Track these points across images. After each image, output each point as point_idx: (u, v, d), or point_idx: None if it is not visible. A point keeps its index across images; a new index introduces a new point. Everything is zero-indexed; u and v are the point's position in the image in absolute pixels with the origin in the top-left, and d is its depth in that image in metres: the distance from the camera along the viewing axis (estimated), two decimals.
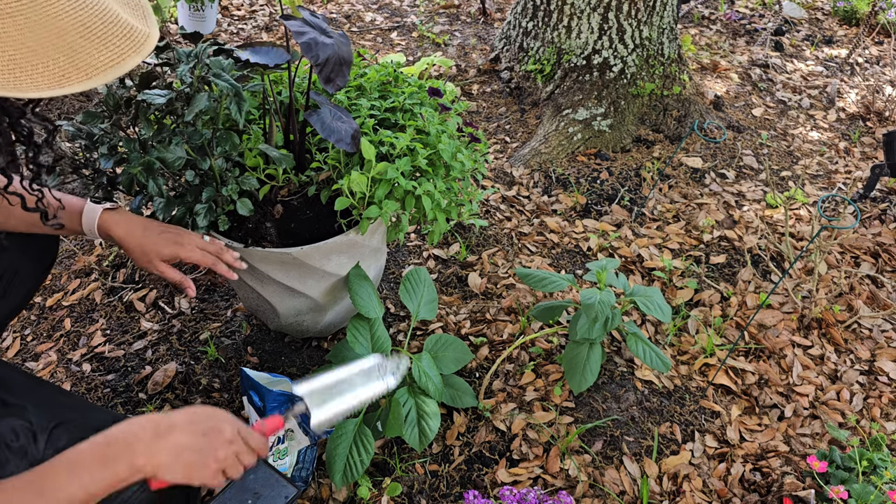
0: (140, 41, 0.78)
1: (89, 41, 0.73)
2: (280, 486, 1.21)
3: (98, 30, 0.74)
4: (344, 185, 1.32)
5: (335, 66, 1.24)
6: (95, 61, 0.73)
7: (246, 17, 3.79)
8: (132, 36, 0.78)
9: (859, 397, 1.72)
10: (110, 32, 0.75)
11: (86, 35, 0.72)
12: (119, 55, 0.76)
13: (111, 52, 0.75)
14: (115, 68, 0.75)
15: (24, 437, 0.97)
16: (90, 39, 0.73)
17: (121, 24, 0.76)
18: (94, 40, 0.73)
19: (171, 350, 1.76)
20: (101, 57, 0.74)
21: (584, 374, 1.54)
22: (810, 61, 3.55)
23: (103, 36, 0.74)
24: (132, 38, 0.77)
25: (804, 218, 2.37)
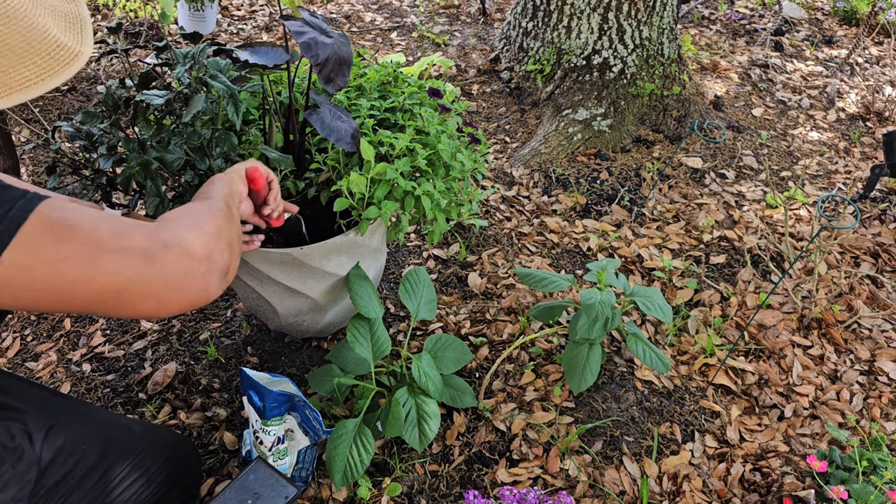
0: (65, 60, 0.75)
1: (6, 58, 0.70)
2: (280, 486, 1.21)
3: (17, 47, 0.70)
4: (343, 186, 1.32)
5: (335, 65, 1.24)
6: (10, 80, 0.70)
7: (246, 18, 3.79)
8: (57, 55, 0.74)
9: (859, 397, 1.72)
10: (32, 50, 0.72)
11: (4, 53, 0.69)
12: (38, 75, 0.72)
13: (29, 70, 0.72)
14: (29, 89, 0.72)
15: (20, 438, 0.97)
16: (7, 57, 0.70)
17: (47, 41, 0.73)
18: (11, 58, 0.70)
19: (171, 350, 1.76)
20: (16, 75, 0.71)
21: (583, 374, 1.54)
22: (810, 61, 3.55)
23: (23, 54, 0.71)
24: (56, 57, 0.74)
25: (804, 218, 2.37)
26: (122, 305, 0.77)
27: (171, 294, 0.79)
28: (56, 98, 2.87)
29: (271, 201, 1.19)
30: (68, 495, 1.01)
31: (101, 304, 0.76)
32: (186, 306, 0.81)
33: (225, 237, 0.89)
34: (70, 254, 0.72)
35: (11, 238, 0.69)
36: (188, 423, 1.56)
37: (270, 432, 1.32)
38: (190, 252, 0.80)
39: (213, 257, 0.83)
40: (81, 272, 0.73)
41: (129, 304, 0.77)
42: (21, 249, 0.69)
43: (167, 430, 1.28)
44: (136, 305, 0.78)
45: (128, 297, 0.76)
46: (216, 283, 0.84)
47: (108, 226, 0.76)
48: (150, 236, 0.79)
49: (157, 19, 3.30)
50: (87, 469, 1.03)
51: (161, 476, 1.13)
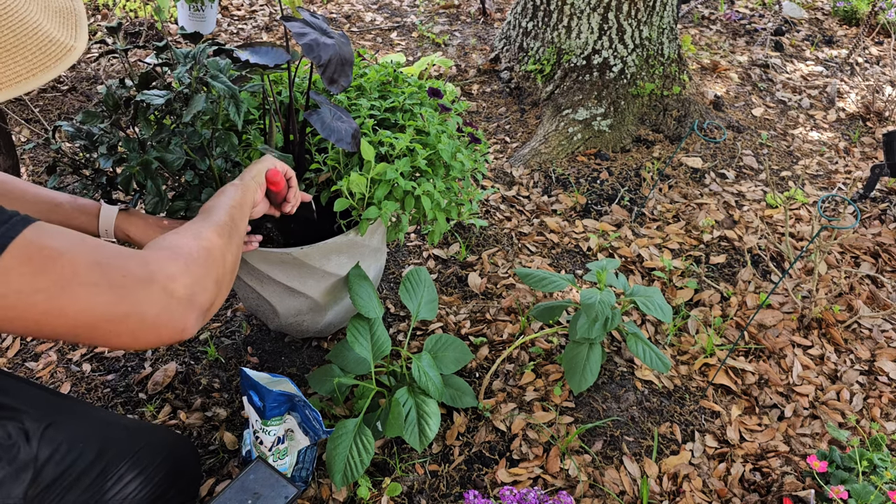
0: (57, 55, 0.75)
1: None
2: (280, 486, 1.21)
3: (7, 42, 0.71)
4: (343, 186, 1.32)
5: (338, 66, 1.24)
6: (0, 76, 0.70)
7: (246, 18, 3.79)
8: (48, 49, 0.74)
9: (859, 397, 1.72)
10: (23, 45, 0.72)
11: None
12: (29, 70, 0.72)
13: (20, 66, 0.72)
14: (20, 84, 0.71)
15: (17, 436, 0.97)
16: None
17: (39, 35, 0.73)
18: (1, 53, 0.70)
19: (171, 350, 1.76)
20: (7, 71, 0.71)
21: (584, 374, 1.54)
22: (810, 61, 3.55)
23: (13, 49, 0.71)
24: (48, 52, 0.74)
25: (804, 218, 2.37)
26: (94, 338, 0.76)
27: (146, 331, 0.78)
28: (56, 98, 2.87)
29: (291, 198, 1.20)
30: (65, 493, 1.01)
31: (73, 335, 0.75)
32: (162, 342, 0.81)
33: (215, 269, 0.88)
34: (44, 286, 0.71)
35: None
36: (188, 423, 1.56)
37: (270, 432, 1.32)
38: (171, 291, 0.79)
39: (195, 297, 0.82)
40: (53, 305, 0.72)
41: (102, 337, 0.77)
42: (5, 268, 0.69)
43: (166, 429, 1.28)
44: (109, 339, 0.77)
45: (101, 332, 0.76)
46: (193, 323, 0.82)
47: (87, 258, 0.75)
48: (129, 272, 0.77)
49: (156, 18, 3.30)
50: (84, 467, 1.03)
51: (159, 475, 1.13)
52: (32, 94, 2.89)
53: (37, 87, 0.75)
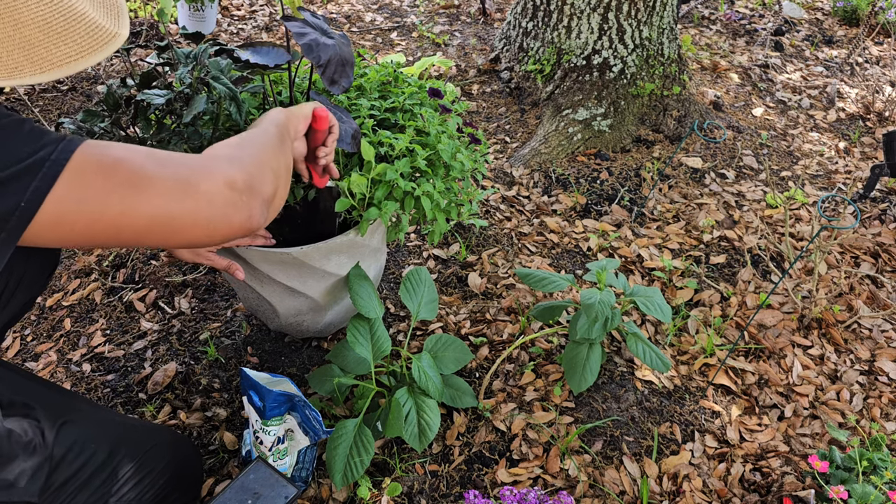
0: (104, 40, 0.79)
1: (47, 35, 0.73)
2: (280, 486, 1.21)
3: (58, 25, 0.74)
4: (343, 187, 1.32)
5: (338, 66, 1.24)
6: (52, 56, 0.74)
7: (246, 18, 3.79)
8: (96, 34, 0.78)
9: (859, 397, 1.72)
10: (71, 29, 0.75)
11: (44, 29, 0.73)
12: (78, 52, 0.76)
13: (69, 48, 0.75)
14: (71, 64, 0.75)
15: (34, 434, 0.97)
16: (48, 34, 0.73)
17: (86, 21, 0.77)
18: (52, 35, 0.73)
19: (171, 350, 1.76)
20: (58, 52, 0.74)
21: (583, 374, 1.54)
22: (810, 61, 3.55)
23: (63, 32, 0.74)
24: (95, 37, 0.78)
25: (804, 218, 2.37)
26: (171, 234, 0.82)
27: (217, 223, 0.83)
28: (57, 98, 2.87)
29: (330, 143, 1.20)
30: (77, 493, 1.01)
31: (151, 235, 0.80)
32: (233, 232, 0.86)
33: (269, 165, 0.93)
34: (117, 186, 0.76)
35: (60, 172, 0.72)
36: (188, 423, 1.56)
37: (270, 432, 1.32)
38: (231, 183, 0.84)
39: (255, 187, 0.88)
40: (129, 204, 0.77)
41: (179, 232, 0.82)
42: (72, 181, 0.73)
43: (170, 430, 1.28)
44: (185, 234, 0.82)
45: (176, 226, 0.81)
46: (259, 212, 0.88)
47: (152, 160, 0.80)
48: (191, 167, 0.83)
49: (157, 19, 3.30)
50: (96, 468, 1.03)
51: (164, 477, 1.13)
52: (33, 93, 2.89)
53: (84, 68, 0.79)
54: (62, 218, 0.74)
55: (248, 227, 0.88)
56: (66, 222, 0.74)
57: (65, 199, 0.73)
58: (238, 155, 0.91)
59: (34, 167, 0.71)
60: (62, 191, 0.72)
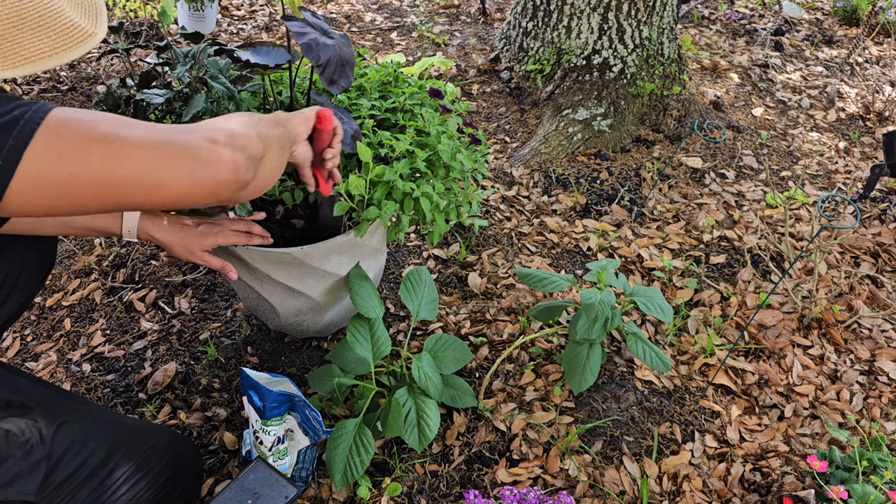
0: (78, 39, 0.79)
1: (21, 31, 0.74)
2: (280, 486, 1.21)
3: (32, 21, 0.74)
4: (342, 189, 1.32)
5: (337, 66, 1.24)
6: (24, 51, 0.74)
7: (246, 17, 3.79)
8: (71, 32, 0.78)
9: (859, 397, 1.72)
10: (46, 25, 0.76)
11: (18, 25, 0.73)
12: (52, 49, 0.76)
13: (43, 44, 0.75)
14: (43, 61, 0.75)
15: (31, 434, 0.97)
16: (22, 30, 0.74)
17: (61, 19, 0.77)
18: (26, 31, 0.74)
19: (171, 350, 1.76)
20: (31, 48, 0.74)
21: (584, 374, 1.54)
22: (810, 61, 3.55)
23: (37, 28, 0.75)
24: (70, 35, 0.78)
25: (804, 218, 2.37)
26: (154, 189, 0.80)
27: (203, 174, 0.82)
28: (56, 97, 2.87)
29: (335, 144, 1.19)
30: (74, 493, 1.01)
31: (133, 190, 0.79)
32: (222, 188, 0.84)
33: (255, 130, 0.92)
34: (96, 140, 0.75)
35: (36, 129, 0.72)
36: (188, 423, 1.56)
37: (270, 432, 1.32)
38: (213, 138, 0.84)
39: (238, 142, 0.87)
40: (109, 156, 0.76)
41: (162, 186, 0.80)
42: (49, 136, 0.72)
43: (169, 430, 1.28)
44: (169, 188, 0.80)
45: (158, 179, 0.79)
46: (245, 165, 0.86)
47: (126, 119, 0.80)
48: (173, 128, 0.82)
49: (157, 19, 3.30)
50: (94, 467, 1.03)
51: (163, 477, 1.13)
52: (32, 93, 2.89)
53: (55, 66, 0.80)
54: (41, 176, 0.72)
55: (234, 181, 0.85)
56: (46, 181, 0.73)
57: (43, 153, 0.72)
58: (221, 121, 0.91)
59: (9, 125, 0.70)
60: (40, 146, 0.71)
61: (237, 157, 0.85)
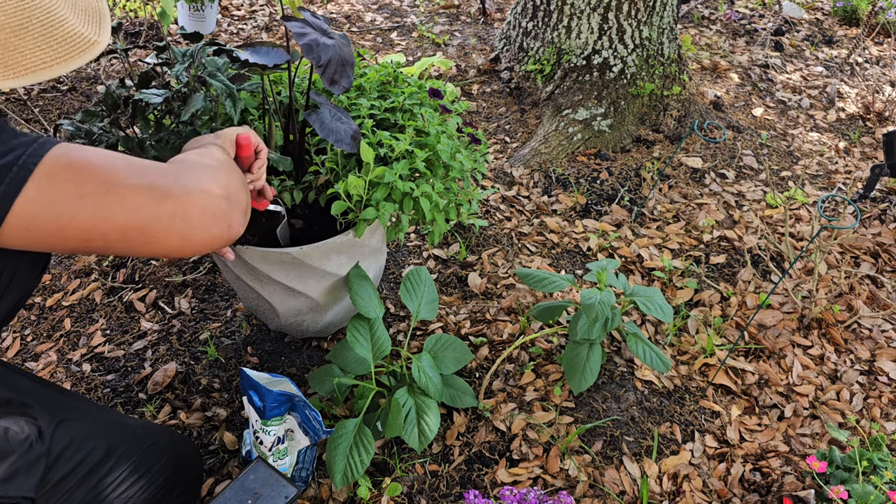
0: (81, 48, 0.78)
1: (23, 40, 0.73)
2: (280, 486, 1.21)
3: (35, 31, 0.74)
4: (340, 189, 1.32)
5: (338, 67, 1.23)
6: (26, 60, 0.73)
7: (246, 18, 3.79)
8: (73, 41, 0.78)
9: (859, 397, 1.72)
10: (49, 35, 0.75)
11: (20, 34, 0.73)
12: (53, 58, 0.75)
13: (45, 53, 0.75)
14: (45, 70, 0.75)
15: (30, 432, 0.97)
16: (24, 39, 0.73)
17: (64, 28, 0.77)
18: (28, 40, 0.73)
19: (171, 350, 1.76)
20: (33, 57, 0.74)
21: (584, 374, 1.54)
22: (810, 61, 3.55)
23: (39, 38, 0.74)
24: (73, 43, 0.77)
25: (804, 218, 2.37)
26: (146, 242, 0.79)
27: (194, 231, 0.81)
28: (56, 98, 2.87)
29: (255, 170, 1.16)
30: (73, 491, 1.01)
31: (125, 242, 0.78)
32: (212, 241, 0.84)
33: (236, 174, 0.93)
34: (89, 189, 0.75)
35: (29, 176, 0.72)
36: (188, 423, 1.56)
37: (270, 432, 1.32)
38: (208, 190, 0.83)
39: (233, 196, 0.87)
40: (101, 207, 0.75)
41: (154, 240, 0.80)
42: (42, 184, 0.72)
43: (169, 430, 1.28)
44: (160, 242, 0.80)
45: (151, 234, 0.79)
46: (239, 220, 0.87)
47: (125, 163, 0.79)
48: (166, 175, 0.81)
49: (156, 19, 3.30)
50: (92, 466, 1.04)
51: (163, 476, 1.14)
52: (33, 93, 2.89)
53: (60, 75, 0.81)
54: (33, 221, 0.73)
55: (227, 237, 0.85)
56: (37, 226, 0.73)
57: (35, 201, 0.72)
58: (209, 163, 0.89)
59: (2, 171, 0.70)
60: (32, 193, 0.71)
61: (232, 214, 0.85)
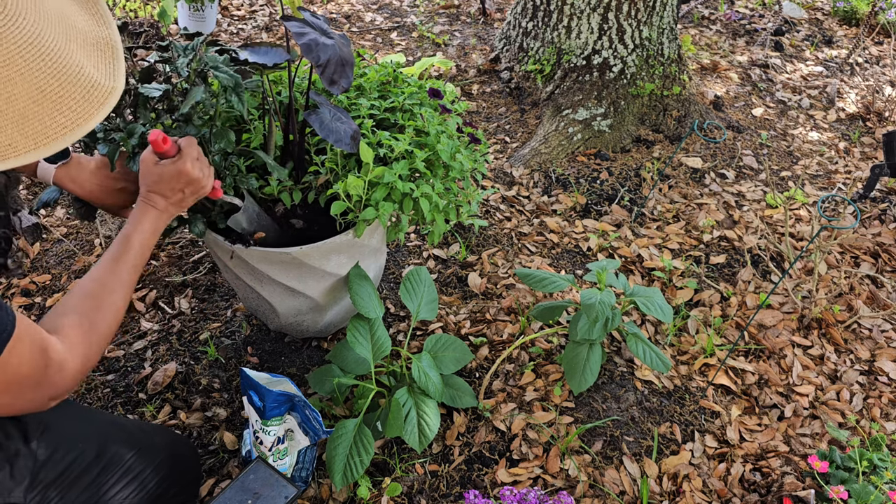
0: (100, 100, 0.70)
1: (42, 106, 0.65)
2: (280, 486, 1.21)
3: (53, 93, 0.66)
4: (340, 189, 1.32)
5: (337, 67, 1.23)
6: (47, 129, 0.66)
7: (246, 18, 3.79)
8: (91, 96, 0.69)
9: (859, 397, 1.72)
10: (67, 94, 0.67)
11: (39, 100, 0.65)
12: (74, 120, 0.68)
13: (65, 116, 0.67)
14: (67, 136, 0.67)
15: (16, 437, 0.97)
16: (43, 105, 0.65)
17: (82, 82, 0.68)
18: (47, 105, 0.65)
19: (171, 350, 1.76)
20: (53, 123, 0.66)
21: (584, 374, 1.54)
22: (810, 61, 3.55)
23: (58, 100, 0.66)
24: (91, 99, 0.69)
25: (804, 218, 2.37)
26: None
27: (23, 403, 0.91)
28: None
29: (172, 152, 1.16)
30: (66, 492, 1.01)
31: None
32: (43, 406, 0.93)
33: (113, 330, 1.03)
34: None
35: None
36: (188, 423, 1.56)
37: (270, 432, 1.32)
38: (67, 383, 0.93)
39: (81, 376, 0.96)
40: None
41: None
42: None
43: (165, 430, 1.28)
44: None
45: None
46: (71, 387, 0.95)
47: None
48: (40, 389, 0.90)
49: (157, 19, 3.30)
50: (84, 467, 1.03)
51: (158, 475, 1.13)
52: None
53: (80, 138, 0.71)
54: None
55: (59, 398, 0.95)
56: None
57: None
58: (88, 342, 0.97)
59: None
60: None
61: (69, 387, 0.94)
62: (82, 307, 0.99)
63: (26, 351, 0.85)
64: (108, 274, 1.04)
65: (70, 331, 0.95)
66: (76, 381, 0.95)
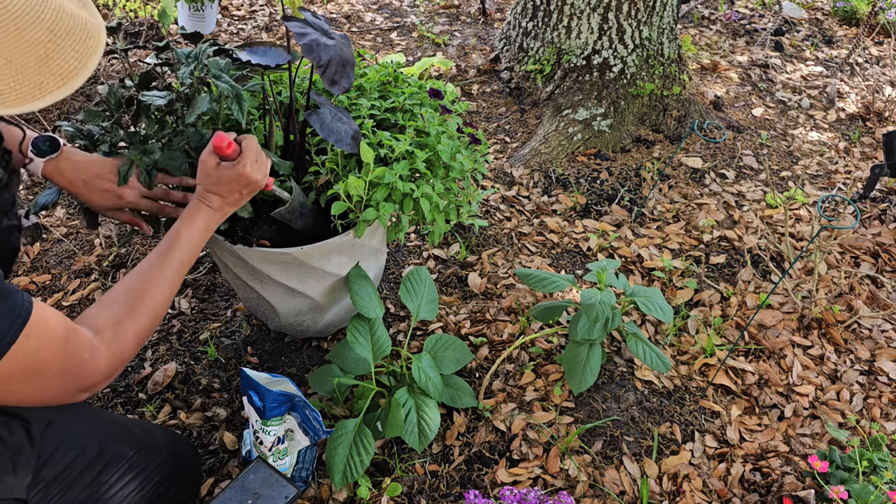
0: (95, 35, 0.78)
1: (56, 44, 0.73)
2: (280, 486, 1.21)
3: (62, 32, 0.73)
4: (340, 190, 1.32)
5: (338, 67, 1.23)
6: (67, 65, 0.73)
7: (246, 18, 3.79)
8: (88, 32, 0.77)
9: (859, 397, 1.72)
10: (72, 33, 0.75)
11: (53, 39, 0.72)
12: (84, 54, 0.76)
13: (77, 51, 0.75)
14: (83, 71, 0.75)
15: (20, 434, 0.97)
16: (57, 42, 0.73)
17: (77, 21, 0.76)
18: (60, 42, 0.73)
19: (171, 350, 1.76)
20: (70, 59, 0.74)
21: (584, 374, 1.54)
22: (810, 61, 3.55)
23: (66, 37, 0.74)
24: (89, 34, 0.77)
25: (804, 218, 2.37)
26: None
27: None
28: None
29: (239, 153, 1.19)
30: (66, 490, 1.01)
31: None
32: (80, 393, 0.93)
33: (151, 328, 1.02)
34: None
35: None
36: (188, 423, 1.56)
37: (270, 432, 1.32)
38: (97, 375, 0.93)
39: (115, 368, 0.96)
40: None
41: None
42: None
43: (165, 429, 1.28)
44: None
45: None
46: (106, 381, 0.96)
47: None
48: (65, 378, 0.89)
49: (156, 19, 3.30)
50: (85, 465, 1.04)
51: (159, 475, 1.13)
52: None
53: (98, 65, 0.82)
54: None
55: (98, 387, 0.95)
56: None
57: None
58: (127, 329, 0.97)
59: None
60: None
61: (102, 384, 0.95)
62: (122, 299, 1.00)
63: (46, 335, 0.84)
64: (152, 268, 1.05)
65: (104, 322, 0.95)
66: (108, 374, 0.94)
